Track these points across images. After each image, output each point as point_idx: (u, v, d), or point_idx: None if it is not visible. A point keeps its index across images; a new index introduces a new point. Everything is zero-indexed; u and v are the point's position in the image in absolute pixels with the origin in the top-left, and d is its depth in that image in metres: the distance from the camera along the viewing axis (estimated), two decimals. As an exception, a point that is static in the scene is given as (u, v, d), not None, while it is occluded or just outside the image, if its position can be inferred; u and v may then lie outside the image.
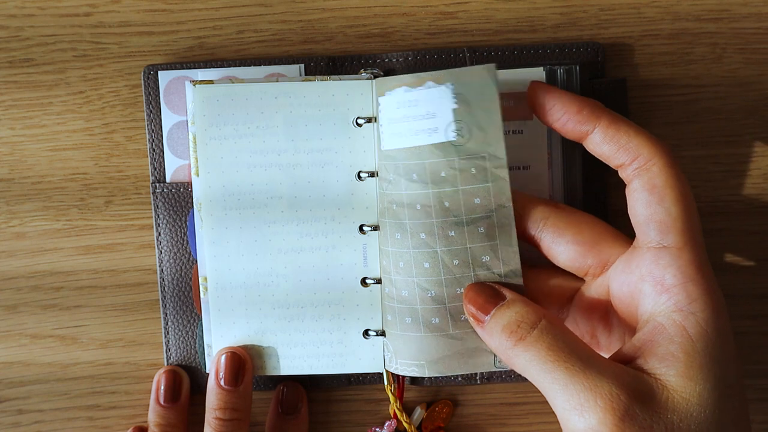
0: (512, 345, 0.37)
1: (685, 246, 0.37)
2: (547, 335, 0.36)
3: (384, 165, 0.42)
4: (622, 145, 0.39)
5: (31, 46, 0.47)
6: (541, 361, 0.36)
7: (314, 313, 0.45)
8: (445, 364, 0.42)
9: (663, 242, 0.37)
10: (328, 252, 0.45)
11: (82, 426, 0.48)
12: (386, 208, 0.42)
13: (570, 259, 0.40)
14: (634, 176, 0.38)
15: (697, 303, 0.36)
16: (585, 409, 0.34)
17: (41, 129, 0.47)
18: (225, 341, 0.45)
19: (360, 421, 0.48)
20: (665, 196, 0.38)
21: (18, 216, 0.47)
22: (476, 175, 0.40)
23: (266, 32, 0.47)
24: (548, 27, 0.47)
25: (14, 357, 0.48)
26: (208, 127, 0.44)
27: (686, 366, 0.35)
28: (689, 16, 0.47)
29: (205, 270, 0.45)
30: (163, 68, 0.46)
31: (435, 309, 0.42)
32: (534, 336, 0.36)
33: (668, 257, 0.37)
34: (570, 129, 0.40)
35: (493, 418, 0.48)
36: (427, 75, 0.40)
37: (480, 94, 0.40)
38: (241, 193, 0.44)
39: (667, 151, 0.38)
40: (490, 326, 0.38)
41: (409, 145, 0.41)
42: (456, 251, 0.41)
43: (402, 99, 0.41)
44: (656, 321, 0.37)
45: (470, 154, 0.40)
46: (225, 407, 0.44)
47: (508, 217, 0.40)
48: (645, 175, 0.38)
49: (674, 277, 0.37)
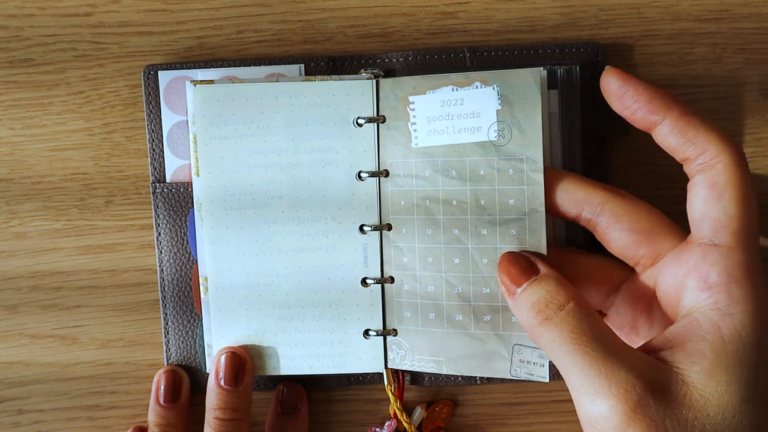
0: (538, 323, 0.37)
1: (737, 246, 0.37)
2: (572, 317, 0.36)
3: (417, 162, 0.43)
4: (690, 139, 0.38)
5: (31, 46, 0.47)
6: (563, 342, 0.36)
7: (314, 313, 0.45)
8: (464, 363, 0.43)
9: (714, 240, 0.37)
10: (328, 252, 0.45)
11: (82, 426, 0.48)
12: (416, 204, 0.43)
13: (623, 247, 0.40)
14: (698, 171, 0.38)
15: (737, 305, 0.36)
16: (598, 395, 0.34)
17: (41, 129, 0.47)
18: (225, 341, 0.45)
19: (360, 421, 0.48)
20: (724, 194, 0.37)
21: (18, 216, 0.47)
22: (513, 176, 0.41)
23: (266, 32, 0.47)
24: (548, 27, 0.47)
25: (14, 357, 0.48)
26: (208, 127, 0.44)
27: (712, 364, 0.35)
28: (689, 17, 0.47)
29: (205, 270, 0.45)
30: (163, 68, 0.46)
31: (460, 306, 0.43)
32: (560, 317, 0.37)
33: (716, 255, 0.37)
34: (639, 118, 0.39)
35: (493, 418, 0.48)
36: (477, 75, 0.41)
37: (524, 97, 0.41)
38: (241, 193, 0.44)
39: (736, 149, 0.37)
40: (520, 300, 0.39)
41: (451, 143, 0.42)
42: (486, 250, 0.42)
43: (448, 97, 0.42)
44: (693, 317, 0.36)
45: (509, 155, 0.41)
46: (225, 407, 0.44)
47: (539, 222, 0.41)
48: (708, 172, 0.38)
49: (719, 275, 0.36)
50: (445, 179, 0.42)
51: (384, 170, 0.44)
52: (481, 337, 0.43)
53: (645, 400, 0.34)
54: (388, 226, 0.44)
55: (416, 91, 0.43)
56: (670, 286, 0.39)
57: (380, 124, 0.44)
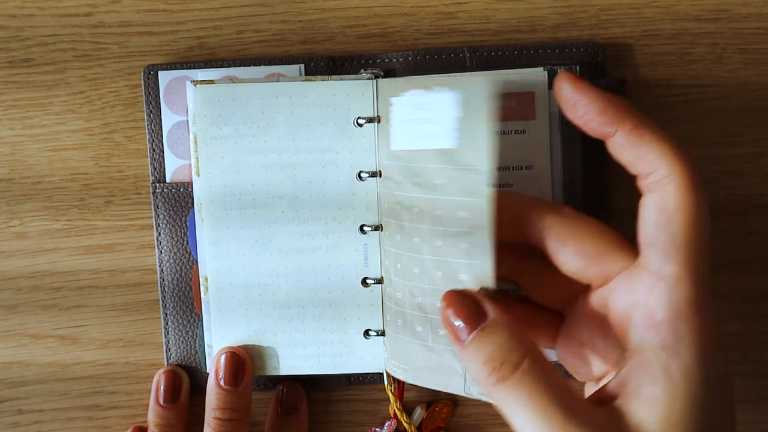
0: (493, 383, 0.35)
1: (684, 279, 0.35)
2: (529, 378, 0.34)
3: (391, 165, 0.42)
4: (641, 155, 0.36)
5: (31, 46, 0.47)
6: (521, 405, 0.34)
7: (315, 313, 0.45)
8: (425, 375, 0.41)
9: (662, 270, 0.36)
10: (328, 252, 0.45)
11: (82, 426, 0.48)
12: (391, 208, 0.42)
13: (573, 269, 0.39)
14: (648, 191, 0.36)
15: (684, 343, 0.34)
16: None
17: (41, 129, 0.47)
18: (225, 341, 0.45)
19: (360, 421, 0.48)
20: (673, 220, 0.35)
21: (18, 216, 0.47)
22: (465, 188, 0.38)
23: (266, 32, 0.47)
24: (548, 27, 0.47)
25: (14, 357, 0.48)
26: (208, 127, 0.44)
27: (668, 411, 0.34)
28: (689, 16, 0.47)
29: (205, 270, 0.45)
30: (163, 68, 0.46)
31: (420, 317, 0.41)
32: (516, 377, 0.34)
33: (663, 289, 0.35)
34: (592, 129, 0.38)
35: (493, 418, 0.48)
36: (434, 79, 0.40)
37: (475, 105, 0.38)
38: (241, 193, 0.44)
39: (688, 168, 0.35)
40: (469, 352, 0.36)
41: (416, 148, 0.41)
42: (440, 262, 0.39)
43: (418, 101, 0.40)
44: (643, 356, 0.35)
45: (463, 165, 0.38)
46: (225, 407, 0.44)
47: (486, 240, 0.37)
48: (658, 193, 0.36)
49: (665, 312, 0.35)
50: (410, 185, 0.41)
51: (379, 171, 0.44)
52: (438, 351, 0.40)
53: None
54: (380, 226, 0.44)
55: (392, 93, 0.42)
56: (620, 311, 0.37)
57: (380, 123, 0.44)
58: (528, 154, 0.45)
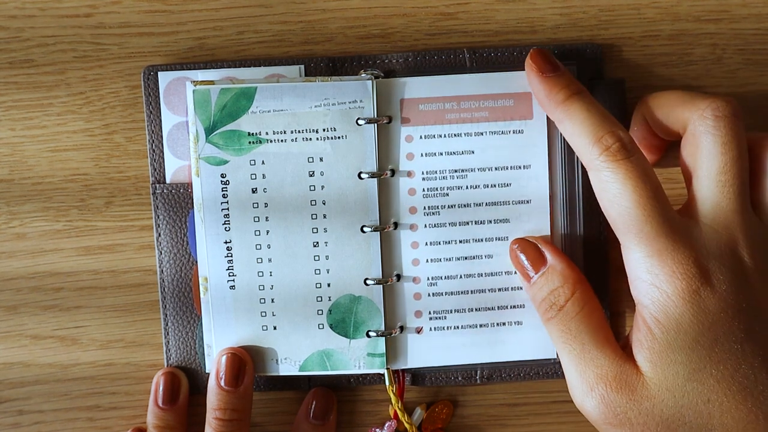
0: (546, 320, 0.42)
1: (656, 238, 0.38)
2: (564, 318, 0.41)
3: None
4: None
5: (32, 47, 0.47)
6: (556, 340, 0.41)
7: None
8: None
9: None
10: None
11: (83, 427, 0.48)
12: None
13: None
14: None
15: (656, 290, 0.38)
16: (574, 387, 0.40)
17: (41, 130, 0.47)
18: (225, 342, 0.45)
19: (360, 422, 0.48)
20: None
21: (18, 217, 0.47)
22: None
23: (266, 33, 0.47)
24: (548, 28, 0.47)
25: (14, 358, 0.48)
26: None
27: (650, 351, 0.38)
28: (689, 17, 0.47)
29: (205, 270, 0.45)
30: (163, 69, 0.46)
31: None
32: (559, 317, 0.41)
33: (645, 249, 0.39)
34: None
35: (493, 418, 0.48)
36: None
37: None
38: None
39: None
40: (533, 292, 0.43)
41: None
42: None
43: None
44: (638, 305, 0.39)
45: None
46: (225, 408, 0.44)
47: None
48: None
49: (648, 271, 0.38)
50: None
51: (391, 169, 0.45)
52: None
53: (608, 397, 0.38)
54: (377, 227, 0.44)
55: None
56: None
57: (380, 124, 0.44)
58: (526, 154, 0.45)
